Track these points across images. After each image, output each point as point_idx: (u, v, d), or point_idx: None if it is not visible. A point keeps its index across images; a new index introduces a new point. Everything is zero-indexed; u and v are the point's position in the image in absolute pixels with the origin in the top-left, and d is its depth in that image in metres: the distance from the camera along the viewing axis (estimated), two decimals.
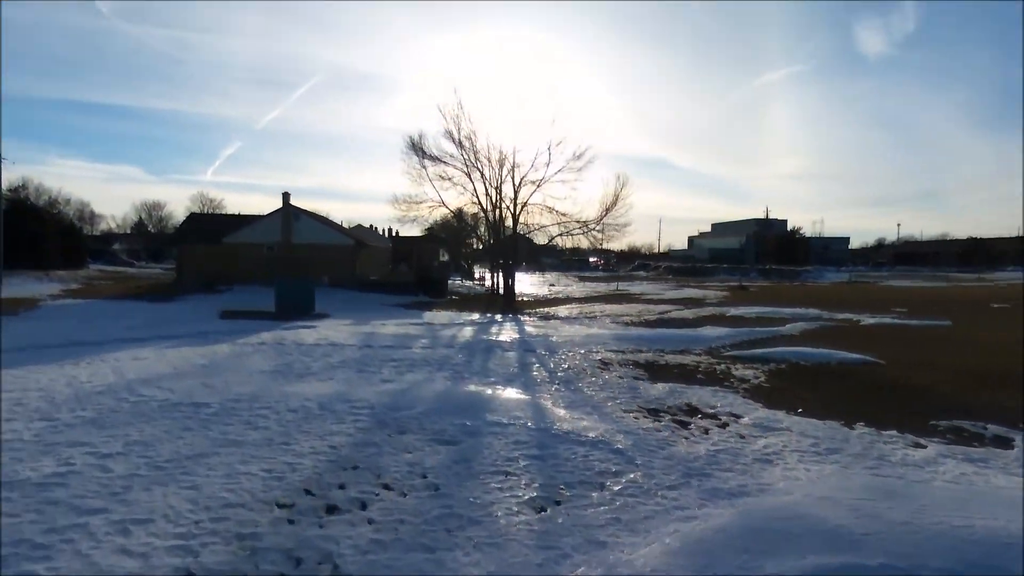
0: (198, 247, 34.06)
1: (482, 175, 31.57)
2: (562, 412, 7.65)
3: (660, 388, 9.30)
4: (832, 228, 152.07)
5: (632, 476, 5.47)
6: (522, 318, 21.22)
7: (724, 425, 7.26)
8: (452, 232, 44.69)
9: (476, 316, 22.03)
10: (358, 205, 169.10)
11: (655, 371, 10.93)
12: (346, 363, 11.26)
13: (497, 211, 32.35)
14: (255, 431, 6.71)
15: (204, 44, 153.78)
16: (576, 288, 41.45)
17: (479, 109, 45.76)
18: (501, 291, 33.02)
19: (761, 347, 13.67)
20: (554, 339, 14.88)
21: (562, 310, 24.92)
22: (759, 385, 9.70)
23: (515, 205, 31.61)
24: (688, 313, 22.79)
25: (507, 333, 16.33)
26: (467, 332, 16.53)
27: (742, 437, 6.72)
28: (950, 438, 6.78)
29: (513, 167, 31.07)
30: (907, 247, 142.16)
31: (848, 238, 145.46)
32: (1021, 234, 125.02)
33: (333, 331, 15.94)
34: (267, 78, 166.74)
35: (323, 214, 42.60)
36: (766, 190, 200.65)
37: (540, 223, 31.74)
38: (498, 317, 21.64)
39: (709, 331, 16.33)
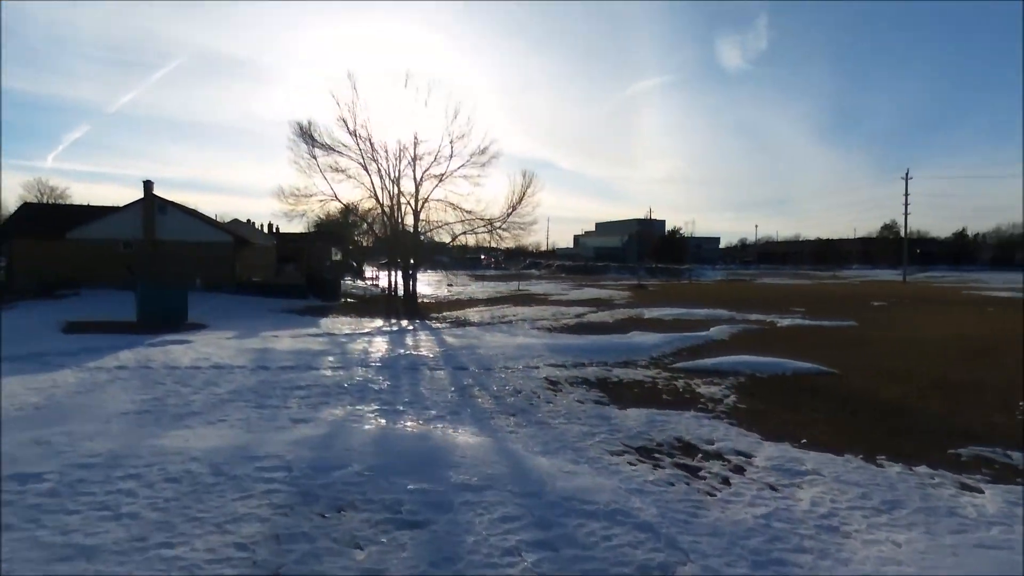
0: (34, 243, 28.66)
1: (379, 168, 29.20)
2: (543, 462, 6.04)
3: (633, 416, 7.96)
4: (702, 229, 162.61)
5: (688, 571, 3.99)
6: (433, 325, 19.33)
7: (739, 469, 6.01)
8: (341, 228, 41.51)
9: (380, 323, 19.84)
10: (234, 199, 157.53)
11: (613, 391, 9.62)
12: (239, 394, 8.93)
13: (396, 207, 30.10)
14: (116, 524, 4.50)
15: (44, 13, 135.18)
16: (476, 288, 39.94)
17: (374, 99, 42.83)
18: (401, 293, 30.80)
19: (704, 356, 12.86)
20: (482, 352, 13.22)
21: (472, 314, 23.28)
22: (735, 406, 8.65)
23: (416, 201, 29.54)
24: (605, 316, 22.01)
25: (426, 345, 14.43)
26: (380, 345, 14.43)
27: (775, 489, 5.48)
28: (987, 473, 5.96)
29: (414, 159, 28.97)
30: (767, 247, 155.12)
31: (718, 238, 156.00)
32: (859, 236, 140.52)
33: (215, 347, 13.24)
34: (121, 57, 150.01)
35: (193, 207, 37.91)
36: (643, 192, 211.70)
37: (444, 220, 29.90)
38: (406, 324, 19.60)
39: (640, 338, 15.40)
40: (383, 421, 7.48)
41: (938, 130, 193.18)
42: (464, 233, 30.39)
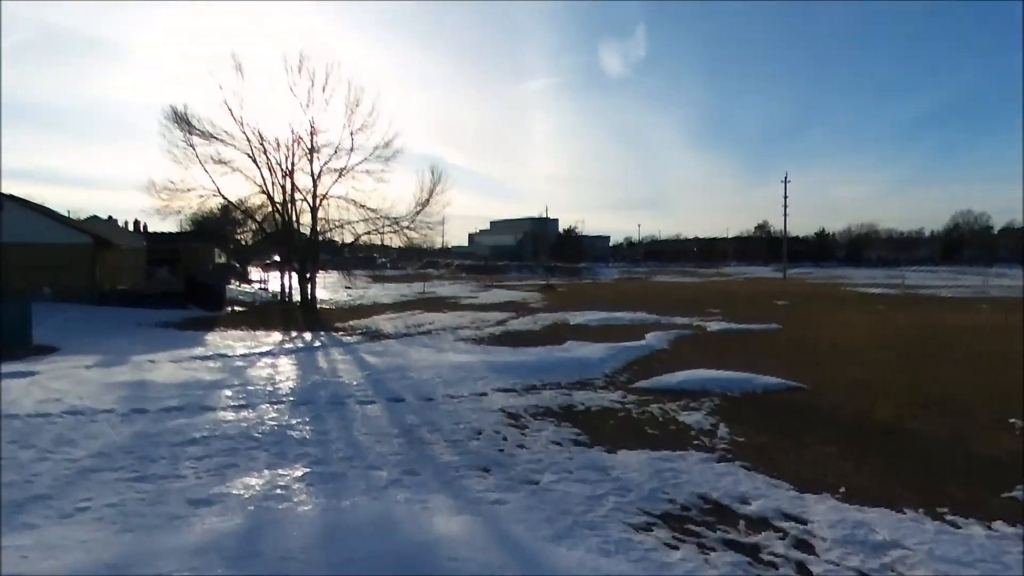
0: None
1: (269, 160, 26.20)
2: (563, 555, 4.47)
3: (633, 464, 6.57)
4: (590, 227, 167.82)
5: None
6: (344, 338, 17.07)
7: (805, 545, 4.75)
8: (222, 226, 37.24)
9: (279, 338, 17.28)
10: (93, 192, 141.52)
11: (586, 425, 8.21)
12: (107, 458, 6.60)
13: (291, 203, 27.21)
14: None
15: None
16: (377, 291, 37.34)
17: (262, 86, 39.01)
18: (297, 299, 27.87)
19: (658, 371, 11.81)
20: (414, 375, 11.37)
21: (383, 322, 21.12)
22: (733, 440, 7.52)
23: (315, 197, 26.82)
24: (528, 322, 20.70)
25: (344, 369, 12.31)
26: (287, 370, 12.12)
27: None
28: None
29: (311, 152, 26.26)
30: (653, 245, 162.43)
31: (608, 237, 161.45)
32: (733, 236, 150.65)
33: (70, 382, 10.42)
34: None
35: (41, 202, 32.28)
36: (535, 191, 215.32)
37: (346, 219, 27.36)
38: (310, 338, 17.18)
39: (581, 350, 14.19)
40: (321, 499, 5.55)
41: (795, 138, 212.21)
42: (368, 233, 28.06)
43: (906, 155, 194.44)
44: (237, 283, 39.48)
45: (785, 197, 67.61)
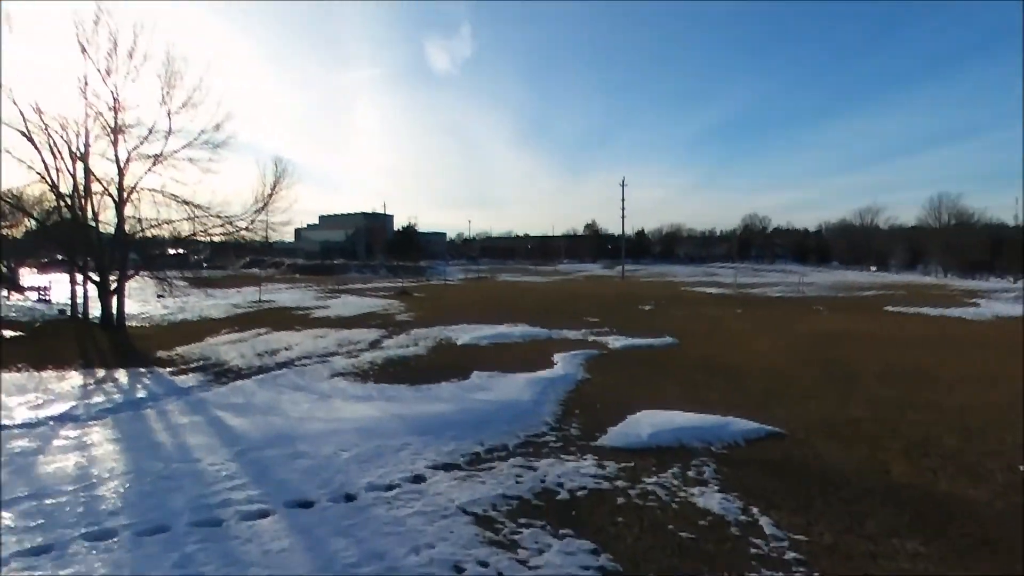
0: None
1: (52, 140, 20.33)
2: None
3: None
4: (423, 224, 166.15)
5: None
6: (177, 379, 12.91)
7: None
8: None
9: (79, 382, 12.67)
10: None
11: (596, 534, 5.94)
12: None
13: (86, 196, 21.44)
14: None
15: None
16: (201, 300, 31.40)
17: (42, 49, 31.07)
18: (98, 317, 22.06)
19: (605, 415, 9.95)
20: (306, 449, 8.21)
21: (224, 349, 16.86)
22: (796, 542, 5.74)
23: (121, 190, 21.33)
24: (408, 343, 17.81)
25: (199, 443, 8.60)
26: (105, 455, 8.13)
27: None
28: None
29: (116, 132, 20.77)
30: (488, 242, 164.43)
31: (444, 234, 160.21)
32: (560, 234, 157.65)
33: None
34: None
35: None
36: (364, 185, 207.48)
37: (165, 217, 22.09)
38: (127, 381, 12.80)
39: (499, 387, 11.89)
40: None
41: (607, 142, 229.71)
42: (194, 234, 23.01)
43: (697, 163, 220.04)
44: (7, 294, 30.88)
45: (623, 200, 71.08)
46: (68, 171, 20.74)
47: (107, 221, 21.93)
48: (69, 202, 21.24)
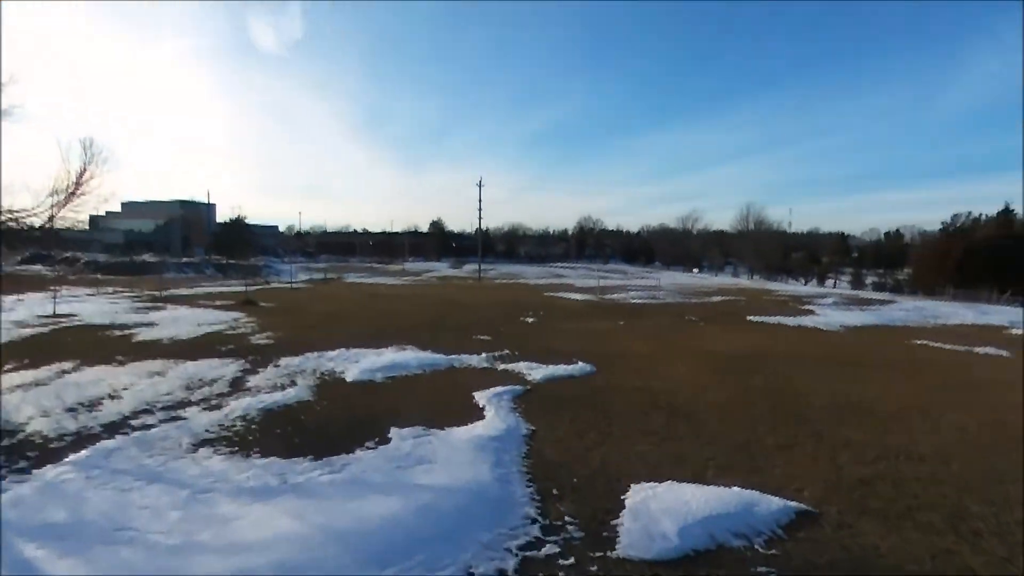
0: None
1: None
2: None
3: None
4: (250, 215, 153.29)
5: None
6: None
7: None
8: None
9: None
10: None
11: None
12: None
13: None
14: None
15: None
16: None
17: None
18: None
19: (608, 505, 7.88)
20: None
21: (10, 400, 12.04)
22: None
23: None
24: (281, 381, 14.19)
25: None
26: None
27: None
28: None
29: None
30: (325, 237, 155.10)
31: (276, 226, 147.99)
32: (404, 230, 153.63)
33: None
34: None
35: None
36: (177, 168, 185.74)
37: None
38: None
39: (445, 456, 9.24)
40: None
41: (444, 138, 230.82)
42: None
43: (531, 164, 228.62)
44: None
45: (480, 200, 69.32)
46: None
47: None
48: None
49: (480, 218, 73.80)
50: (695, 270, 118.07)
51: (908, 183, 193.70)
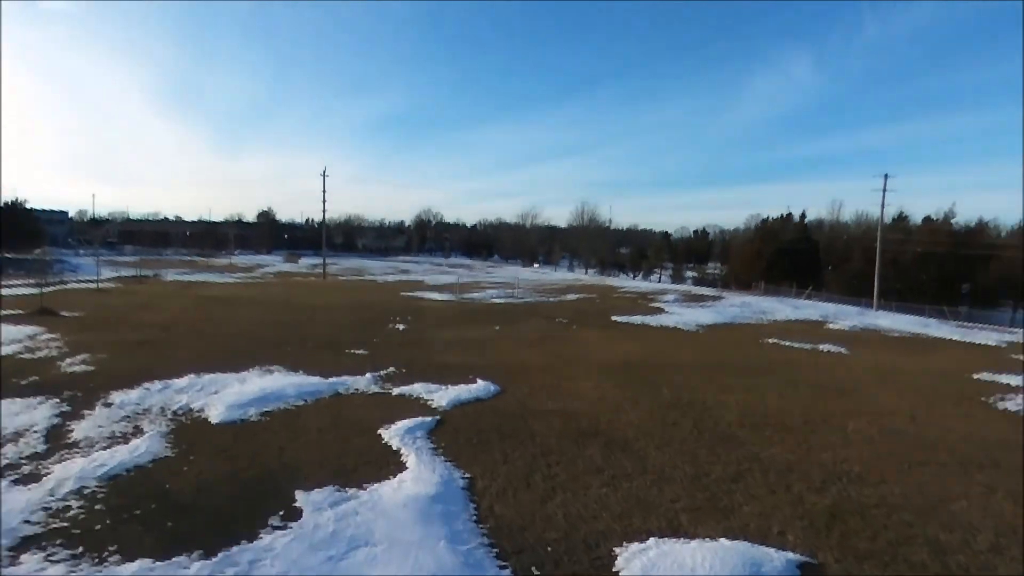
0: None
1: None
2: None
3: None
4: (36, 199, 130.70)
5: None
6: None
7: None
8: None
9: None
10: None
11: None
12: None
13: None
14: None
15: None
16: None
17: None
18: None
19: None
20: None
21: None
22: None
23: None
24: (127, 431, 11.03)
25: None
26: None
27: None
28: None
29: None
30: (133, 226, 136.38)
31: (66, 212, 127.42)
32: (227, 219, 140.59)
33: None
34: None
35: None
36: None
37: None
38: None
39: (385, 535, 7.37)
40: None
41: (267, 121, 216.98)
42: None
43: (362, 154, 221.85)
44: None
45: (324, 191, 64.60)
46: None
47: None
48: None
49: (324, 211, 68.87)
50: (535, 264, 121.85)
51: (708, 186, 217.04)
